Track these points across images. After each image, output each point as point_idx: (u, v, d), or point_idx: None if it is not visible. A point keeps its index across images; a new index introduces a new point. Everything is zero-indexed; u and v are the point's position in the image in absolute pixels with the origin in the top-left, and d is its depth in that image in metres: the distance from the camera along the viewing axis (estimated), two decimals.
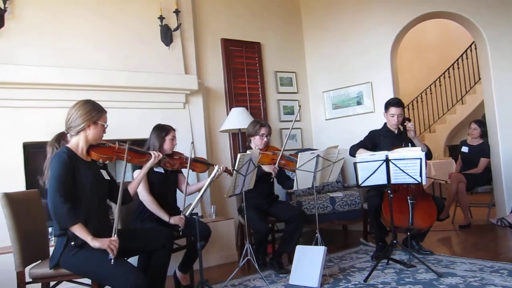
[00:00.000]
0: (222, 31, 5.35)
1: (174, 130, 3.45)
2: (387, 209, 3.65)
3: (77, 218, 2.26)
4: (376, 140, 4.05)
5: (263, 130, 3.90)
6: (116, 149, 2.64)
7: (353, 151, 3.94)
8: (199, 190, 3.47)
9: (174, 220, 3.21)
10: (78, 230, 2.25)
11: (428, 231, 3.86)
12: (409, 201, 3.57)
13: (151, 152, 2.93)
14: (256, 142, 3.92)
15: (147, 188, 3.24)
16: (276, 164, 3.69)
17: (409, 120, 4.04)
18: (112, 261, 2.22)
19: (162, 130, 3.40)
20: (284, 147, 3.78)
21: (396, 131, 4.07)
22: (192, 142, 3.33)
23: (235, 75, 5.39)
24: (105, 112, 2.56)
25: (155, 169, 3.30)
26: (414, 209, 3.57)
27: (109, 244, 2.24)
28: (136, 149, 2.93)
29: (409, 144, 3.87)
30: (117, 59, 4.32)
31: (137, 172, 3.13)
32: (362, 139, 4.12)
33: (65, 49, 4.05)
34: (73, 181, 2.34)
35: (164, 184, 3.37)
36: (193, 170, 3.46)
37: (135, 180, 2.82)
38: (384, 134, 4.10)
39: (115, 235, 2.30)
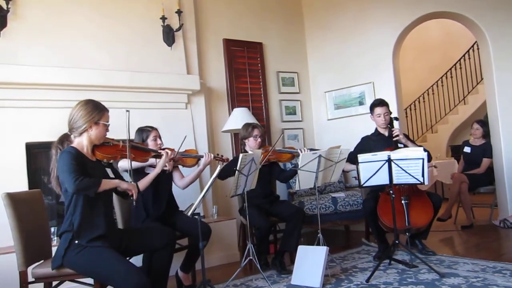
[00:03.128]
0: (224, 31, 5.35)
1: (155, 130, 3.42)
2: (381, 212, 3.65)
3: (97, 179, 2.35)
4: (366, 147, 4.01)
5: (256, 131, 3.93)
6: (120, 148, 2.66)
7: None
8: (193, 181, 3.54)
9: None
10: (105, 184, 2.37)
11: (429, 229, 3.84)
12: (402, 201, 3.56)
13: (163, 152, 3.01)
14: (251, 144, 3.94)
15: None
16: (264, 159, 3.70)
17: (397, 119, 4.03)
18: (134, 203, 2.55)
19: (142, 133, 3.39)
20: (276, 143, 3.81)
21: (386, 133, 4.05)
22: (186, 136, 3.36)
23: (237, 75, 5.39)
24: (107, 110, 2.56)
25: (146, 171, 3.30)
26: (408, 209, 3.56)
27: (133, 187, 2.47)
28: (140, 147, 2.96)
29: (403, 145, 3.85)
30: (119, 59, 4.32)
31: (124, 161, 3.13)
32: (355, 147, 4.12)
33: (68, 49, 4.06)
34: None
35: (158, 184, 3.34)
36: (183, 166, 3.47)
37: (145, 180, 2.84)
38: (375, 138, 4.09)
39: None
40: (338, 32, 5.87)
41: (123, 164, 3.20)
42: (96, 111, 2.49)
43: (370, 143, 4.05)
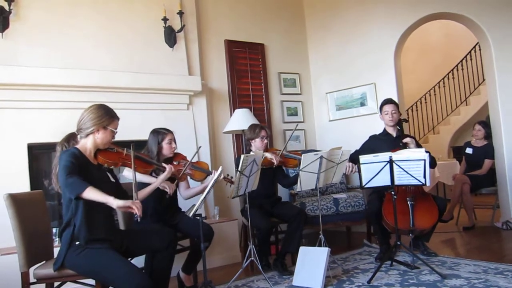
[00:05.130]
0: (226, 32, 5.36)
1: (171, 133, 3.39)
2: (386, 212, 3.65)
3: (87, 183, 2.21)
4: (372, 145, 4.02)
5: (263, 132, 3.95)
6: (123, 156, 2.66)
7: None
8: (196, 195, 3.48)
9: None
10: (92, 192, 2.20)
11: (432, 231, 3.84)
12: (408, 202, 3.56)
13: (166, 166, 3.00)
14: (257, 145, 3.95)
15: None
16: (276, 162, 3.74)
17: (406, 121, 4.04)
18: (139, 219, 2.25)
19: (158, 135, 3.35)
20: (285, 147, 3.82)
21: (394, 134, 4.06)
22: (200, 147, 3.32)
23: (238, 76, 5.39)
24: (118, 118, 2.58)
25: (152, 174, 3.29)
26: (414, 210, 3.56)
27: (131, 204, 2.23)
28: (143, 158, 2.93)
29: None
30: (121, 60, 4.33)
31: (128, 171, 3.09)
32: (362, 144, 4.14)
33: (70, 50, 4.07)
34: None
35: (161, 189, 3.35)
36: (191, 178, 3.41)
37: (145, 190, 2.85)
38: (382, 138, 4.10)
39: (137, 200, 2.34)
40: (339, 33, 5.87)
41: (127, 174, 3.17)
42: (106, 116, 2.51)
43: (377, 142, 4.06)
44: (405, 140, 3.86)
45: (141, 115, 4.30)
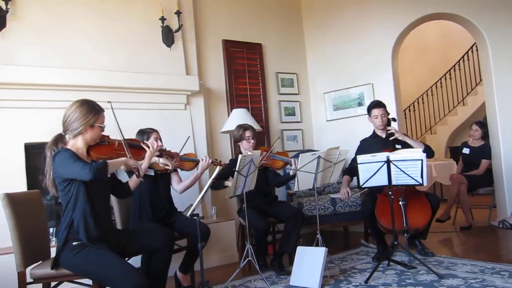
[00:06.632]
0: (223, 32, 5.35)
1: (156, 131, 3.41)
2: (379, 214, 3.65)
3: (103, 160, 2.34)
4: (364, 149, 3.99)
5: (247, 133, 3.91)
6: (115, 147, 2.63)
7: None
8: (190, 185, 3.53)
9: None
10: (113, 164, 2.38)
11: (428, 229, 3.83)
12: (399, 202, 3.56)
13: (149, 144, 2.94)
14: (245, 146, 3.93)
15: None
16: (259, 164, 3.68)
17: (395, 120, 4.03)
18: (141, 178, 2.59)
19: (143, 135, 3.37)
20: (272, 148, 3.79)
21: (384, 135, 4.05)
22: (189, 137, 3.37)
23: (236, 76, 5.39)
24: (103, 111, 2.53)
25: (147, 172, 3.28)
26: (406, 210, 3.55)
27: (137, 164, 2.53)
28: (135, 144, 2.91)
29: (400, 146, 3.85)
30: (118, 60, 4.32)
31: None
32: (355, 152, 4.12)
33: (67, 50, 4.06)
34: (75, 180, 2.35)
35: (155, 186, 3.35)
36: (181, 169, 3.46)
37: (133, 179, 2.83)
38: (372, 141, 4.09)
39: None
40: (337, 33, 5.88)
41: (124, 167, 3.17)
42: (92, 113, 2.44)
43: (368, 145, 4.05)
44: (389, 133, 3.89)
45: (139, 114, 4.29)
